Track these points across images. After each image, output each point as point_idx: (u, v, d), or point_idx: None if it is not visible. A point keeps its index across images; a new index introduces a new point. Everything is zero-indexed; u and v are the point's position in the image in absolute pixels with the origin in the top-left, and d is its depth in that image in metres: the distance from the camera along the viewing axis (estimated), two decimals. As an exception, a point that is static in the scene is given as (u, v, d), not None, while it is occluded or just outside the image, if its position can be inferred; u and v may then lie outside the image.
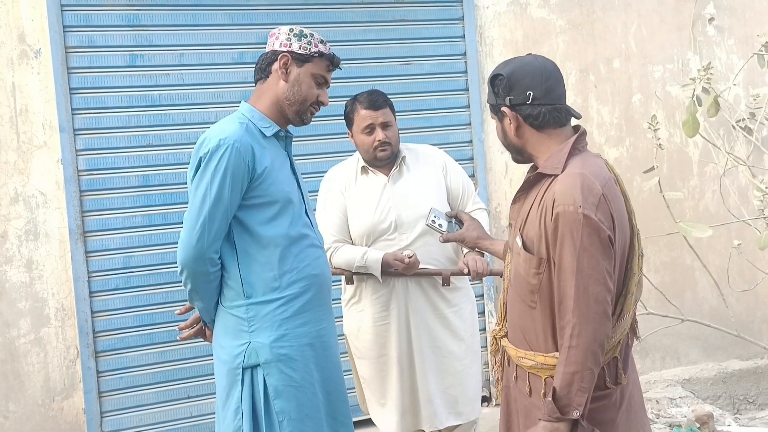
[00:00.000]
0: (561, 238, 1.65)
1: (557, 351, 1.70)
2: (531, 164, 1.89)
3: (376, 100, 2.74)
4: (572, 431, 1.65)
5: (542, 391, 1.73)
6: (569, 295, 1.63)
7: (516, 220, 1.84)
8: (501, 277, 2.12)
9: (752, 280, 4.00)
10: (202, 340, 2.30)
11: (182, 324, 2.30)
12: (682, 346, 4.18)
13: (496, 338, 1.96)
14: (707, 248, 4.08)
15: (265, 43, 2.22)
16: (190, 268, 2.03)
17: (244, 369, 2.04)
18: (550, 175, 1.73)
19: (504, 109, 1.78)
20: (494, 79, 1.80)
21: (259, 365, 2.04)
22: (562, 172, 1.70)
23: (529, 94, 1.73)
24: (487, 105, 1.96)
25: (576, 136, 1.78)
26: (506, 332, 1.89)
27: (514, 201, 1.88)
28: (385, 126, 2.73)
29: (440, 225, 2.47)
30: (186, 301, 2.22)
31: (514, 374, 1.84)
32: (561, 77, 1.81)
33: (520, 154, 1.85)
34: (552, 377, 1.70)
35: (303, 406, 2.07)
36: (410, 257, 2.63)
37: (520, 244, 1.77)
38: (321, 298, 2.17)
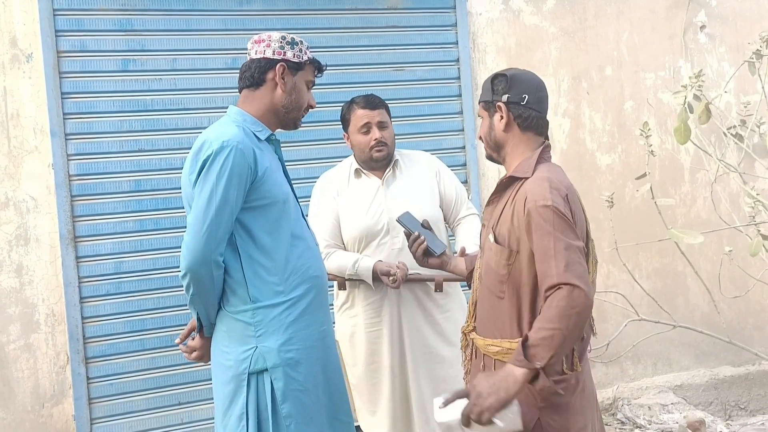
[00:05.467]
0: (536, 227, 1.82)
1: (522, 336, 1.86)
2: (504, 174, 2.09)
3: (373, 101, 2.77)
4: (532, 382, 1.74)
5: None
6: (550, 273, 1.76)
7: (489, 221, 2.01)
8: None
9: (743, 286, 4.02)
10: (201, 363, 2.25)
11: (183, 347, 2.23)
12: (674, 353, 4.18)
13: (465, 334, 2.11)
14: (699, 255, 4.09)
15: None
16: (195, 273, 1.98)
17: (250, 374, 2.02)
18: (521, 179, 1.92)
19: (500, 104, 1.97)
20: (495, 77, 2.01)
21: (266, 370, 2.02)
22: (532, 175, 1.90)
23: (524, 96, 1.95)
24: (478, 108, 2.12)
25: (542, 147, 1.98)
26: (474, 327, 2.05)
27: (488, 203, 2.05)
28: (381, 126, 2.74)
29: (411, 225, 2.38)
30: (183, 324, 2.17)
31: (482, 363, 2.00)
32: (548, 95, 2.04)
33: (497, 152, 2.04)
34: None
35: (308, 409, 2.07)
36: (395, 281, 2.60)
37: (492, 239, 1.94)
38: (321, 299, 2.17)
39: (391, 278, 2.61)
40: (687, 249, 3.79)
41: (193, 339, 2.22)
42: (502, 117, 1.97)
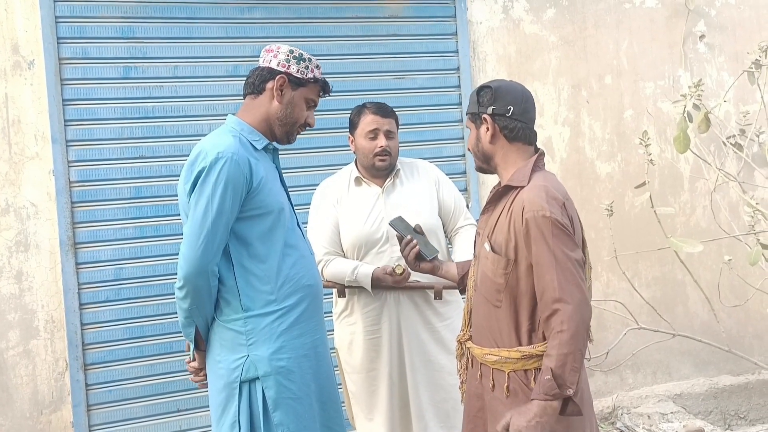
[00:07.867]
0: (534, 239, 1.83)
1: (520, 345, 1.90)
2: (497, 183, 2.09)
3: (385, 108, 2.80)
4: (563, 409, 1.80)
5: (505, 385, 1.91)
6: (551, 287, 1.80)
7: (484, 229, 2.02)
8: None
9: (743, 295, 4.02)
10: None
11: (190, 367, 2.23)
12: (673, 361, 4.18)
13: (461, 342, 2.12)
14: (698, 263, 4.09)
15: (259, 56, 2.22)
16: (192, 283, 1.99)
17: (242, 382, 2.04)
18: (516, 187, 1.93)
19: (485, 116, 1.99)
20: (481, 90, 2.04)
21: (257, 378, 2.04)
22: (528, 184, 1.91)
23: (510, 108, 1.97)
24: (466, 120, 2.16)
25: (537, 155, 1.99)
26: (470, 336, 2.07)
27: (483, 212, 2.06)
28: (388, 135, 2.76)
29: (403, 229, 2.41)
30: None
31: (479, 372, 2.01)
32: (534, 106, 2.05)
33: (486, 163, 2.05)
34: (515, 371, 1.90)
35: (301, 417, 2.08)
36: (400, 273, 2.62)
37: (488, 248, 1.95)
38: (315, 308, 2.18)
39: (394, 267, 2.60)
40: (686, 258, 3.79)
41: (194, 360, 2.21)
42: (488, 129, 1.99)
